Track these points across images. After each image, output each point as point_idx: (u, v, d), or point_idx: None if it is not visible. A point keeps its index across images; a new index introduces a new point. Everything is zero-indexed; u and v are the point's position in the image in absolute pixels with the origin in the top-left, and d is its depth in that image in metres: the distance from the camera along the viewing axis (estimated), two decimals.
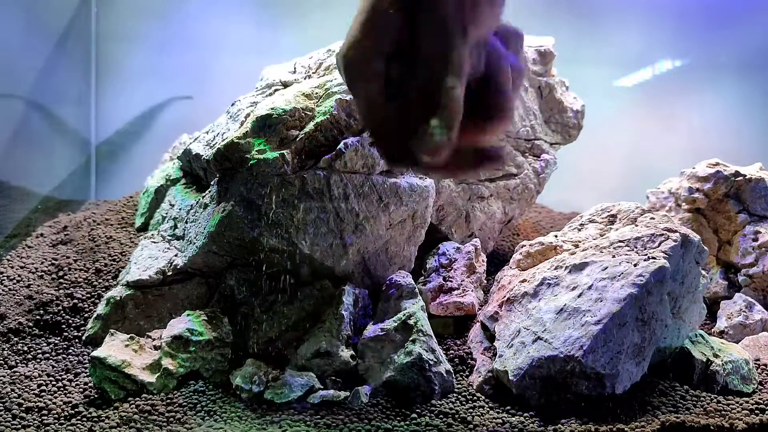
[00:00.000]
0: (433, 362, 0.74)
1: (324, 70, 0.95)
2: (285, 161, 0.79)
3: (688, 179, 1.05)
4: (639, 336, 0.72)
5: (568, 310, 0.73)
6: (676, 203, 1.07)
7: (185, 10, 1.54)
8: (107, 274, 0.92)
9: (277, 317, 0.81)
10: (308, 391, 0.74)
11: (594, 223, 0.90)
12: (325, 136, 0.82)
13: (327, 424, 0.69)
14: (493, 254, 1.04)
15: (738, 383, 0.77)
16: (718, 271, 1.02)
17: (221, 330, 0.79)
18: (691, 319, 0.81)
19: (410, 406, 0.72)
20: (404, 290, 0.80)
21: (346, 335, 0.79)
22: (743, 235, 1.00)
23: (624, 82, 1.56)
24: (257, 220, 0.79)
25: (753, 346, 0.87)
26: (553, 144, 1.08)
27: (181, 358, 0.75)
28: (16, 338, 0.83)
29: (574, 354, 0.69)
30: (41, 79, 1.44)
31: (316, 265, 0.82)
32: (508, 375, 0.73)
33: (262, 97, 0.91)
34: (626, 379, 0.72)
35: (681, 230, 0.79)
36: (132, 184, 1.20)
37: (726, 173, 1.02)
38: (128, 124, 1.58)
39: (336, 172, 0.81)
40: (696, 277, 0.80)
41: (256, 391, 0.74)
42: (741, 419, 0.70)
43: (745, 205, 1.01)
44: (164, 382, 0.74)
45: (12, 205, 1.29)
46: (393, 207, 0.84)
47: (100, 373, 0.73)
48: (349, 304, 0.80)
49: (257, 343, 0.80)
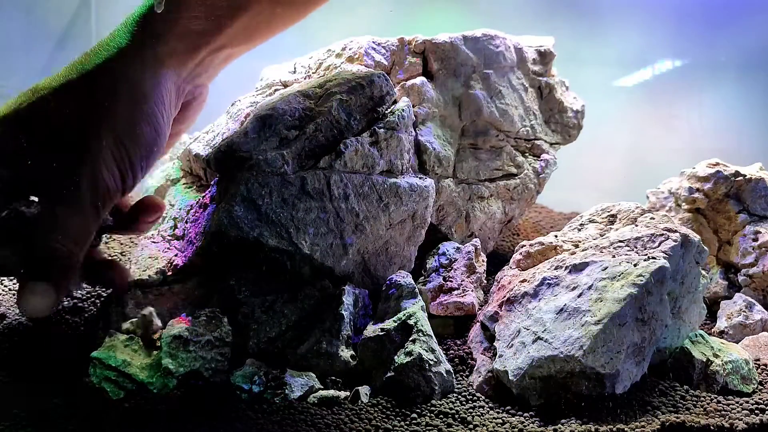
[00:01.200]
0: (433, 362, 0.74)
1: (324, 70, 0.95)
2: (285, 161, 0.79)
3: (688, 179, 1.05)
4: (639, 336, 0.72)
5: (568, 310, 0.73)
6: (676, 203, 1.07)
7: None
8: None
9: (277, 317, 0.81)
10: (308, 391, 0.74)
11: (594, 223, 0.90)
12: (325, 136, 0.82)
13: (327, 424, 0.69)
14: (493, 254, 1.04)
15: (738, 383, 0.77)
16: (718, 271, 1.02)
17: (221, 330, 0.79)
18: (691, 319, 0.81)
19: (410, 406, 0.72)
20: (404, 290, 0.80)
21: (346, 335, 0.79)
22: (743, 235, 1.00)
23: (624, 82, 1.56)
24: (257, 220, 0.79)
25: (753, 346, 0.87)
26: (553, 144, 1.08)
27: (181, 357, 0.75)
28: (16, 338, 0.83)
29: (574, 354, 0.69)
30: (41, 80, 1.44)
31: (316, 265, 0.82)
32: (508, 375, 0.73)
33: (262, 97, 0.91)
34: (626, 379, 0.72)
35: (681, 230, 0.79)
36: None
37: (726, 173, 1.02)
38: None
39: (336, 172, 0.81)
40: (696, 277, 0.80)
41: (256, 391, 0.74)
42: (741, 419, 0.70)
43: (745, 205, 1.02)
44: (164, 381, 0.74)
45: None
46: (393, 207, 0.84)
47: (100, 373, 0.73)
48: (349, 304, 0.80)
49: (257, 343, 0.80)
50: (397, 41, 0.97)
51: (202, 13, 0.77)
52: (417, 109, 0.94)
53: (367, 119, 0.85)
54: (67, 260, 0.73)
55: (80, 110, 0.73)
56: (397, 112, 0.86)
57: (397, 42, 0.97)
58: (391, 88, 0.88)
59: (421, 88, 0.95)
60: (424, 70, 0.98)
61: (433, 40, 0.97)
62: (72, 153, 0.72)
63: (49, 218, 0.72)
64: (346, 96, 0.83)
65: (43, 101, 0.73)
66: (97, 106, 0.73)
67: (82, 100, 0.73)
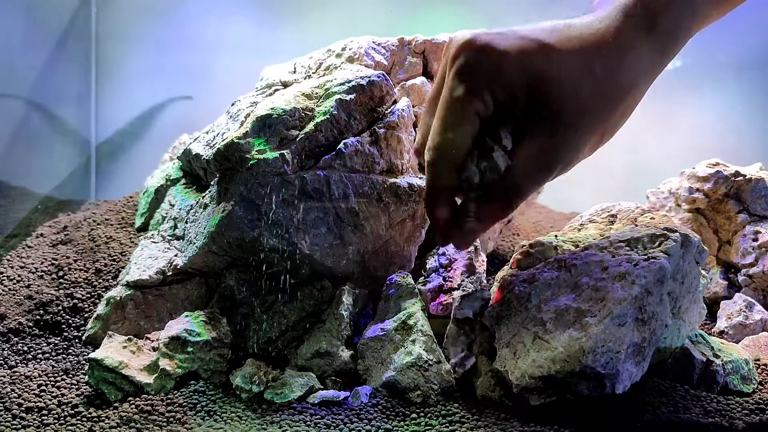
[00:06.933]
0: (433, 362, 0.74)
1: (324, 70, 0.95)
2: (285, 161, 0.79)
3: (688, 179, 1.05)
4: (639, 336, 0.72)
5: (568, 310, 0.73)
6: (676, 203, 1.06)
7: (185, 10, 1.54)
8: (107, 274, 0.92)
9: (277, 317, 0.81)
10: (308, 391, 0.74)
11: (594, 223, 0.90)
12: (325, 136, 0.82)
13: (327, 424, 0.69)
14: (493, 254, 1.04)
15: (738, 383, 0.77)
16: (718, 271, 1.02)
17: (220, 330, 0.79)
18: (691, 319, 0.81)
19: (410, 407, 0.72)
20: (404, 290, 0.80)
21: (346, 335, 0.79)
22: (743, 235, 1.00)
23: None
24: (257, 220, 0.79)
25: (753, 346, 0.87)
26: None
27: (179, 358, 0.75)
28: (16, 338, 0.83)
29: (574, 354, 0.69)
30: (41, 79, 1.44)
31: (316, 265, 0.82)
32: (507, 375, 0.73)
33: (262, 97, 0.91)
34: (626, 379, 0.71)
35: (681, 230, 0.79)
36: (132, 184, 1.20)
37: (726, 173, 1.02)
38: (128, 124, 1.58)
39: (336, 172, 0.81)
40: (696, 277, 0.80)
41: (256, 391, 0.74)
42: (741, 419, 0.70)
43: (745, 205, 1.01)
44: (162, 383, 0.74)
45: (12, 205, 1.30)
46: (393, 207, 0.84)
47: (98, 374, 0.73)
48: (349, 304, 0.80)
49: (257, 343, 0.80)
50: (397, 41, 0.97)
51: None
52: (417, 109, 0.94)
53: (367, 119, 0.85)
54: (518, 202, 0.73)
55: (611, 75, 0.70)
56: (397, 112, 0.86)
57: (397, 42, 0.97)
58: (391, 88, 0.88)
59: (421, 88, 0.95)
60: (424, 70, 0.98)
61: (433, 40, 0.97)
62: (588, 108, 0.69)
63: (537, 157, 0.71)
64: (346, 96, 0.83)
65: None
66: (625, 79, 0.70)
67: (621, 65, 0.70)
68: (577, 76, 0.69)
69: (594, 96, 0.70)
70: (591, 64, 0.69)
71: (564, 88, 0.69)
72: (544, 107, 0.69)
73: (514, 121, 0.71)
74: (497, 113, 0.70)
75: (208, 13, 1.53)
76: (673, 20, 0.72)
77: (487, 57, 0.69)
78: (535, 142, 0.70)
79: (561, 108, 0.69)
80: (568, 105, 0.69)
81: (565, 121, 0.70)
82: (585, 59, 0.69)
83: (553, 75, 0.68)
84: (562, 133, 0.70)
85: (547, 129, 0.70)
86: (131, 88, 1.55)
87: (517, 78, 0.69)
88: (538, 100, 0.69)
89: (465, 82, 0.69)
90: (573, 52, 0.69)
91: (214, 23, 1.52)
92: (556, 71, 0.69)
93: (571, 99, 0.69)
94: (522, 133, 0.71)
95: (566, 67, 0.69)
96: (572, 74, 0.69)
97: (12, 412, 0.70)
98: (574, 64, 0.69)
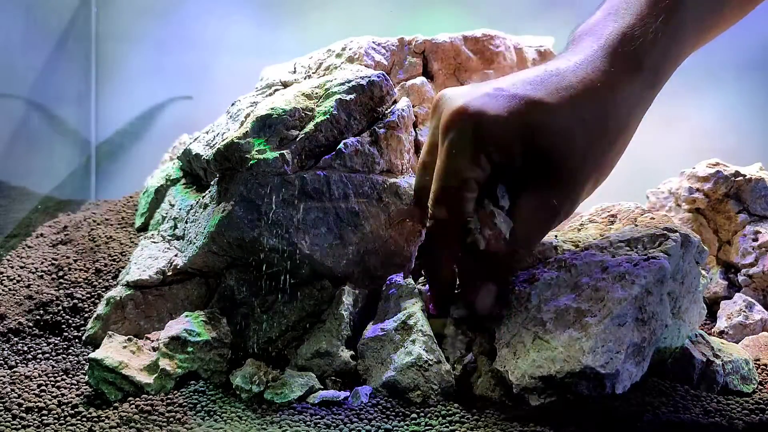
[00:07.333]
0: (433, 362, 0.74)
1: (324, 70, 0.95)
2: (285, 161, 0.79)
3: (688, 179, 1.05)
4: (639, 336, 0.72)
5: (567, 310, 0.73)
6: (676, 203, 1.06)
7: (185, 10, 1.54)
8: (107, 274, 0.92)
9: (277, 317, 0.81)
10: (308, 391, 0.74)
11: (594, 223, 0.90)
12: (325, 136, 0.82)
13: (327, 424, 0.69)
14: None
15: (738, 383, 0.77)
16: (718, 271, 1.02)
17: (220, 330, 0.79)
18: (691, 319, 0.81)
19: (410, 407, 0.72)
20: (404, 290, 0.80)
21: (346, 335, 0.79)
22: (743, 235, 1.00)
23: None
24: (257, 220, 0.79)
25: (753, 346, 0.87)
26: None
27: (179, 359, 0.75)
28: (16, 338, 0.83)
29: (573, 354, 0.69)
30: (41, 79, 1.44)
31: (316, 265, 0.82)
32: (507, 375, 0.73)
33: (262, 97, 0.91)
34: (626, 379, 0.71)
35: (681, 230, 0.79)
36: (132, 184, 1.20)
37: (726, 173, 1.02)
38: (128, 124, 1.58)
39: (336, 172, 0.81)
40: (696, 277, 0.80)
41: (256, 391, 0.74)
42: (741, 419, 0.70)
43: (745, 205, 1.01)
44: (162, 383, 0.74)
45: (12, 205, 1.30)
46: (393, 207, 0.84)
47: (98, 374, 0.73)
48: (349, 304, 0.80)
49: (257, 343, 0.80)
50: (397, 41, 0.97)
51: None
52: (417, 109, 0.94)
53: (367, 119, 0.85)
54: (528, 253, 0.75)
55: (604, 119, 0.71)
56: (397, 112, 0.86)
57: (397, 42, 0.97)
58: (391, 88, 0.88)
59: (421, 88, 0.95)
60: (424, 70, 0.98)
61: (433, 40, 0.97)
62: (579, 156, 0.70)
63: (537, 211, 0.71)
64: (346, 96, 0.83)
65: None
66: (617, 121, 0.72)
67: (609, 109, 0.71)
68: (570, 128, 0.70)
69: (588, 144, 0.71)
70: (582, 113, 0.70)
71: (558, 141, 0.70)
72: (540, 163, 0.70)
73: (511, 177, 0.72)
74: (494, 172, 0.72)
75: (208, 13, 1.53)
76: (658, 56, 0.73)
77: (481, 126, 0.70)
78: (534, 196, 0.72)
79: (557, 162, 0.70)
80: (564, 157, 0.70)
81: (562, 173, 0.71)
82: (576, 110, 0.70)
83: (547, 131, 0.69)
84: (560, 184, 0.71)
85: (546, 182, 0.71)
86: (131, 88, 1.54)
87: (512, 140, 0.70)
88: (534, 157, 0.70)
89: (460, 155, 0.70)
90: (563, 104, 0.70)
91: (214, 23, 1.52)
92: (548, 127, 0.69)
93: (567, 151, 0.70)
94: (520, 187, 0.72)
95: (558, 120, 0.70)
96: (565, 126, 0.70)
97: (12, 412, 0.70)
98: (566, 116, 0.70)
